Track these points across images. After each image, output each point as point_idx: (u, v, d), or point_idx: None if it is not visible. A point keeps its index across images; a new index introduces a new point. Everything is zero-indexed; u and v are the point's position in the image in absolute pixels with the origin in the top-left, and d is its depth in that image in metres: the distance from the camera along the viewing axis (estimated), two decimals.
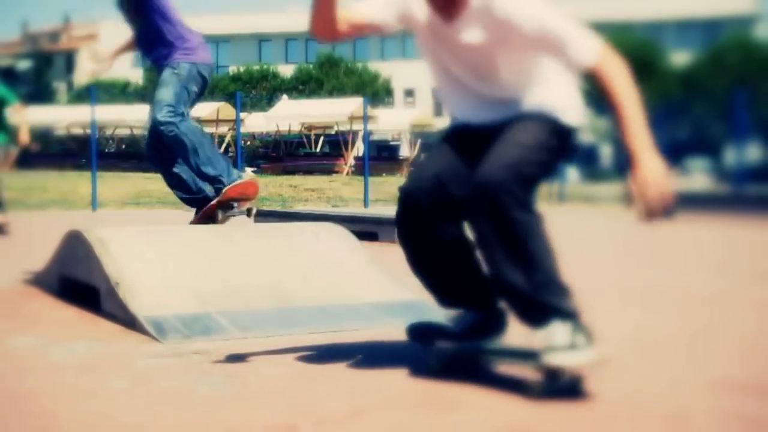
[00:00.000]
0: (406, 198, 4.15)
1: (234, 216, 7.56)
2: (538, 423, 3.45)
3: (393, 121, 52.00)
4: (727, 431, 3.42)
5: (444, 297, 4.38)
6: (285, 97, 53.93)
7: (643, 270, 9.08)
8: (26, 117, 12.90)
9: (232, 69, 72.89)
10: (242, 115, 29.48)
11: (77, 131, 50.22)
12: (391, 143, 61.58)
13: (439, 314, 5.79)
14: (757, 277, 8.62)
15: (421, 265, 4.25)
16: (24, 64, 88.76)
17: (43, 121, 47.99)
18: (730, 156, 31.78)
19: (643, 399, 3.83)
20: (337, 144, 48.64)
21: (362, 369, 4.39)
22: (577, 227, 16.61)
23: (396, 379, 4.16)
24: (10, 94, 12.65)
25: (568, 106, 4.10)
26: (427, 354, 4.32)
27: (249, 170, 39.71)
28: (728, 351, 5.00)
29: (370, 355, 4.71)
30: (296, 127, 50.85)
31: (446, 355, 4.30)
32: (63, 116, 50.68)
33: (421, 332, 4.44)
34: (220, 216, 7.47)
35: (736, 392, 3.97)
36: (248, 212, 7.67)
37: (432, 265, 4.23)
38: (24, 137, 12.58)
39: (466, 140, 4.16)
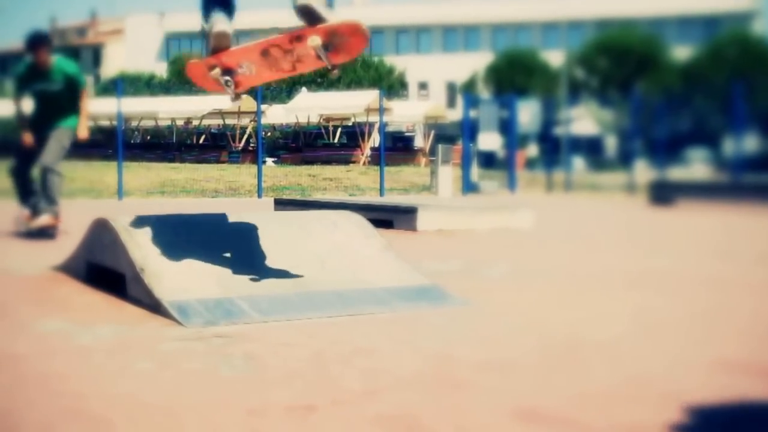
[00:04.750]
0: None
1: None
2: (544, 403, 3.44)
3: (407, 113, 52.04)
4: (722, 409, 3.40)
5: None
6: (304, 89, 53.92)
7: (646, 254, 9.06)
8: (89, 107, 11.02)
9: None
10: (263, 107, 29.47)
11: (104, 123, 50.21)
12: (406, 134, 61.59)
13: (455, 300, 5.80)
14: (754, 261, 8.61)
15: None
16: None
17: None
18: (729, 146, 31.75)
19: (645, 378, 3.82)
20: (354, 135, 48.70)
21: (377, 351, 4.38)
22: (583, 214, 16.60)
23: (409, 360, 4.15)
24: (82, 77, 11.00)
25: None
26: None
27: (269, 160, 39.78)
28: (726, 332, 4.98)
29: (385, 338, 4.70)
30: (315, 119, 50.93)
31: None
32: (90, 108, 50.57)
33: None
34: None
35: (733, 371, 3.95)
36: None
37: None
38: (83, 131, 10.72)
39: None
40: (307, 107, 48.45)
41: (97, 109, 48.99)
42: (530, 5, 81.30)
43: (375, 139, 44.39)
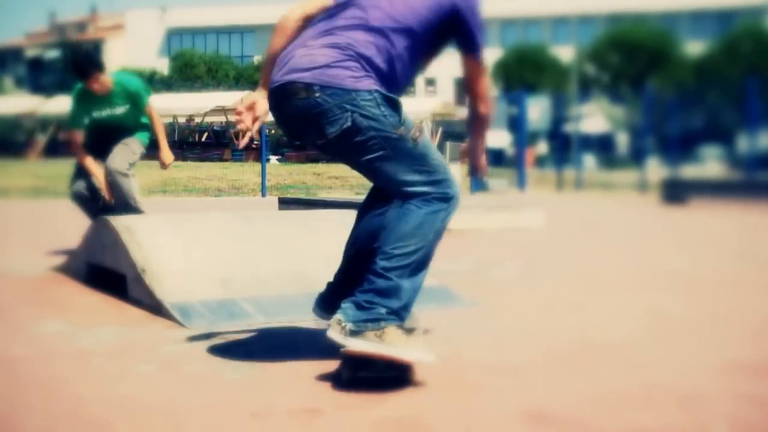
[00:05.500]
0: None
1: None
2: (554, 406, 3.43)
3: (415, 110, 51.79)
4: (738, 412, 3.39)
5: None
6: None
7: (658, 255, 9.04)
8: (161, 123, 8.99)
9: (257, 59, 72.87)
10: None
11: None
12: None
13: (463, 301, 5.79)
14: None
15: None
16: (52, 54, 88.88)
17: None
18: (743, 143, 31.69)
19: (658, 381, 3.81)
20: None
21: None
22: (594, 213, 16.57)
23: (416, 363, 4.13)
24: (146, 90, 8.74)
25: None
26: None
27: (273, 158, 39.75)
28: (741, 334, 4.97)
29: None
30: None
31: None
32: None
33: None
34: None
35: (748, 374, 3.95)
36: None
37: None
38: (168, 156, 8.78)
39: None
40: None
41: None
42: (540, 0, 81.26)
43: None
